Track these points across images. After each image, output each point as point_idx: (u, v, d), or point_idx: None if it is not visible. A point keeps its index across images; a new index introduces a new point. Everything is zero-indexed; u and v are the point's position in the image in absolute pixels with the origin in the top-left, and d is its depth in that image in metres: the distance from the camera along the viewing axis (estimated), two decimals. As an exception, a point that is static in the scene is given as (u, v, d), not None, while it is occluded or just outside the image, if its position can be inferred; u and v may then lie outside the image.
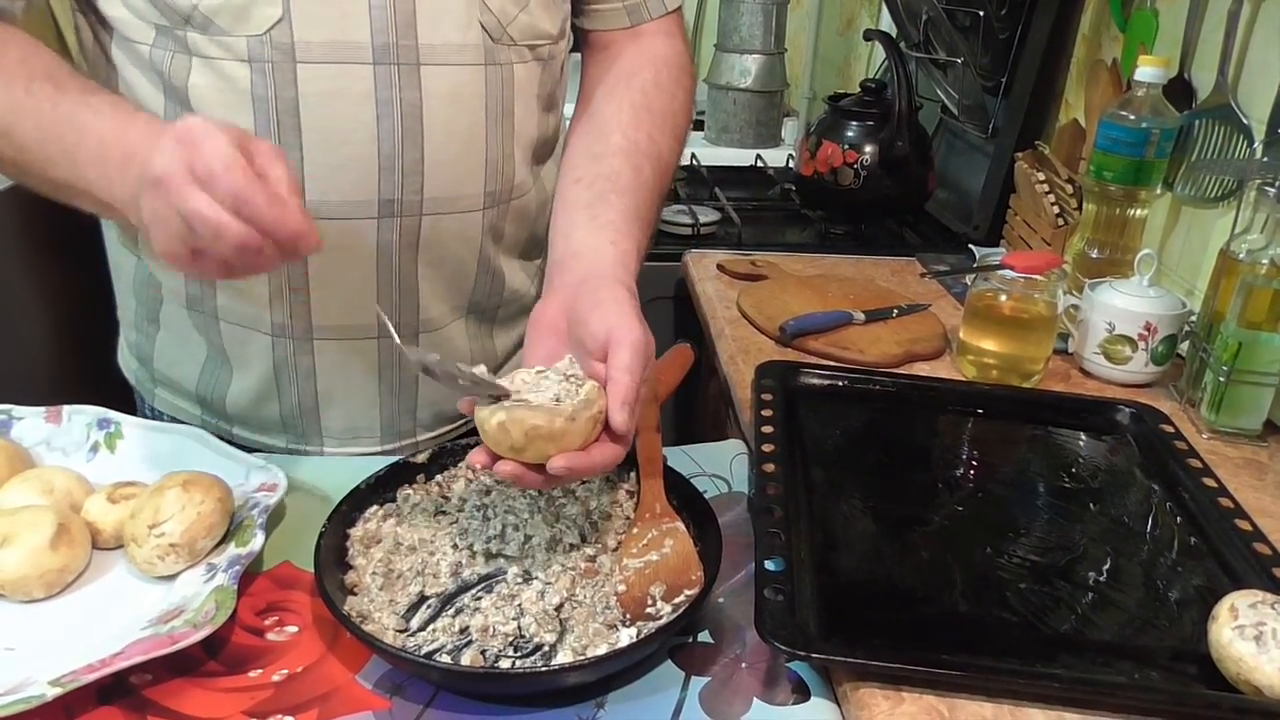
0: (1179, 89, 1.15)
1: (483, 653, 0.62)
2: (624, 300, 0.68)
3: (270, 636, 0.65)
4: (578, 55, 0.94)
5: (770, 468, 0.78)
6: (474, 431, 0.65)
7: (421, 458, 0.78)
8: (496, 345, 0.94)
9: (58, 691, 0.56)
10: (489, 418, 0.62)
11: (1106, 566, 0.74)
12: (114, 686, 0.60)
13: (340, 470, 0.81)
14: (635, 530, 0.71)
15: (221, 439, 0.81)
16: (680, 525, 0.71)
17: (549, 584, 0.67)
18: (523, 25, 0.80)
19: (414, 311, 0.85)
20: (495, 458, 0.62)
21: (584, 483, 0.79)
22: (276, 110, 0.74)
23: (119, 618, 0.66)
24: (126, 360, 0.97)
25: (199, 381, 0.89)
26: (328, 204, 0.77)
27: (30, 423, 0.82)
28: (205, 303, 0.84)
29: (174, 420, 0.92)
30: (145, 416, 0.94)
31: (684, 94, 0.91)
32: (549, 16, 0.83)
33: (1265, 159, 1.03)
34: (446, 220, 0.82)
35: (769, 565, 0.66)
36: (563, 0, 0.85)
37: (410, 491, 0.76)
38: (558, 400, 0.63)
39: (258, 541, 0.69)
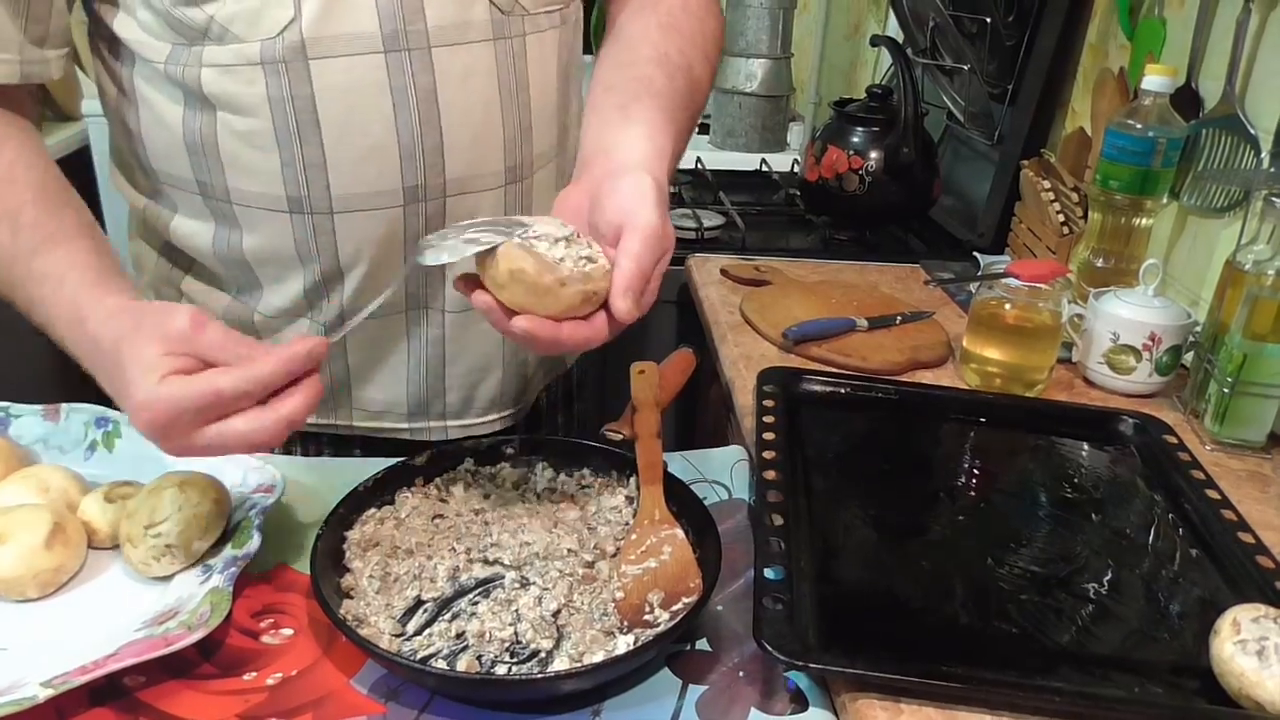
0: (1186, 98, 1.14)
1: (479, 658, 0.62)
2: (646, 188, 0.66)
3: (265, 639, 0.65)
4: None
5: (771, 475, 0.78)
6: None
7: (420, 460, 0.78)
8: None
9: (49, 693, 0.56)
10: (490, 241, 0.60)
11: (1108, 578, 0.73)
12: (106, 688, 0.60)
13: (338, 472, 0.80)
14: (634, 536, 0.71)
15: None
16: (679, 532, 0.70)
17: (546, 590, 0.66)
18: None
19: (440, 288, 0.85)
20: (475, 287, 0.61)
21: (583, 487, 0.78)
22: (294, 109, 0.74)
23: (113, 619, 0.66)
24: None
25: None
26: (355, 196, 0.77)
27: (28, 420, 0.82)
28: (244, 299, 0.85)
29: None
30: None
31: (714, 21, 0.89)
32: None
33: (1272, 169, 1.02)
34: (470, 199, 0.81)
35: (768, 574, 0.66)
36: None
37: (409, 494, 0.76)
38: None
39: (254, 543, 0.69)
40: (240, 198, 0.78)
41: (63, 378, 0.76)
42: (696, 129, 0.91)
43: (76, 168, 2.01)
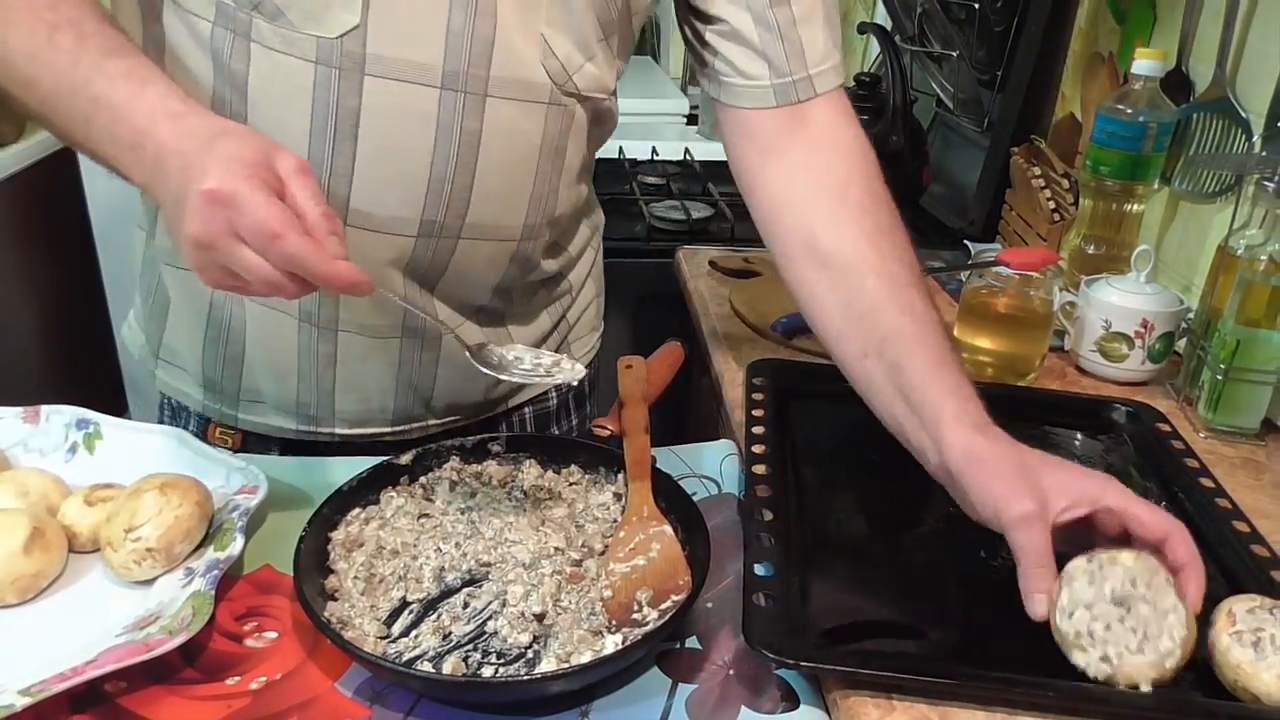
0: (1176, 82, 1.14)
1: (465, 660, 0.61)
2: (1039, 457, 0.65)
3: (249, 642, 0.64)
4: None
5: (761, 469, 0.77)
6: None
7: (405, 459, 0.77)
8: (511, 335, 0.92)
9: (27, 701, 0.55)
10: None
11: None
12: (87, 695, 0.59)
13: (322, 472, 0.79)
14: (622, 534, 0.70)
15: (224, 425, 0.79)
16: (668, 529, 0.70)
17: (533, 588, 0.66)
18: (587, 76, 0.78)
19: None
20: None
21: (570, 484, 0.78)
22: (336, 116, 0.72)
23: (94, 624, 0.65)
24: (133, 333, 0.94)
25: (209, 362, 0.87)
26: (373, 217, 0.76)
27: (7, 423, 0.81)
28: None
29: (170, 401, 0.92)
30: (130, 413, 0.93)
31: (887, 186, 0.81)
32: (609, 71, 0.81)
33: (1264, 153, 1.01)
34: (483, 246, 0.81)
35: (758, 570, 0.65)
36: (616, 59, 0.82)
37: (393, 494, 0.75)
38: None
39: (237, 545, 0.68)
40: None
41: (42, 380, 0.75)
42: (684, 118, 0.90)
43: (59, 165, 1.99)
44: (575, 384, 0.86)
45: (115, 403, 2.20)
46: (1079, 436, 0.92)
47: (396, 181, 0.75)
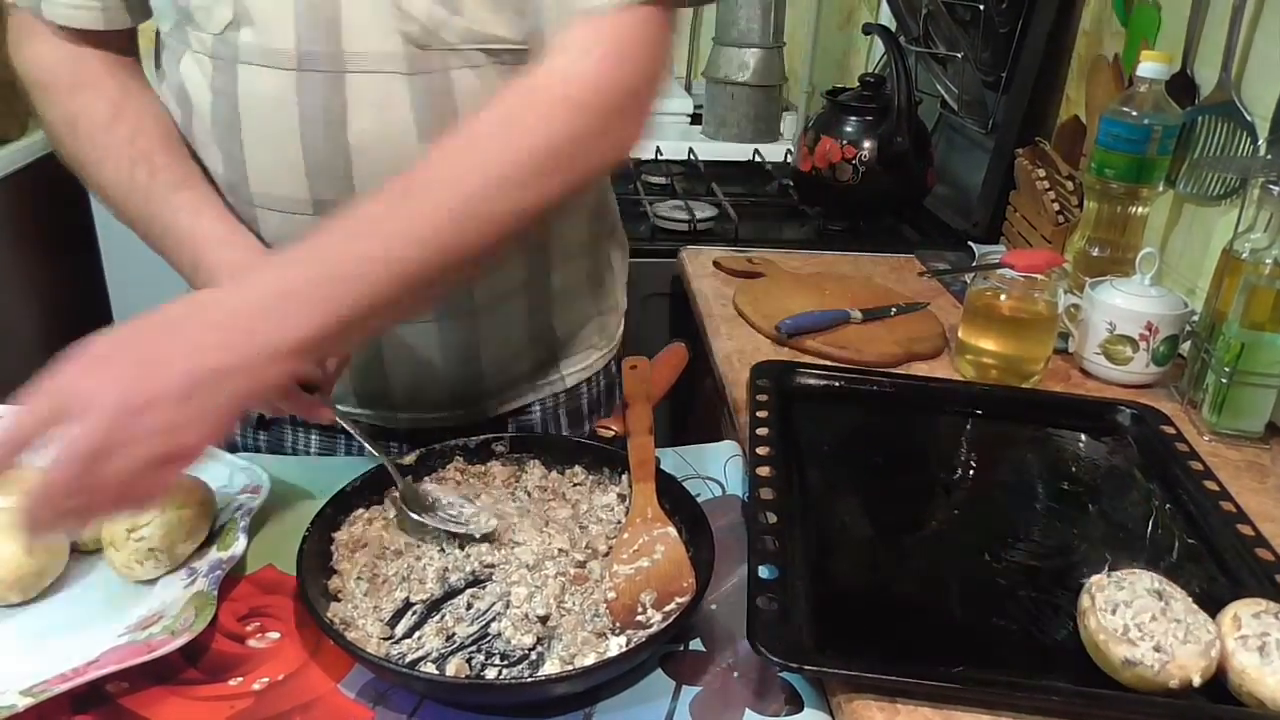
0: (1181, 85, 1.13)
1: (469, 662, 0.61)
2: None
3: (251, 643, 0.64)
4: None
5: (765, 470, 0.77)
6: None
7: (409, 459, 0.77)
8: (481, 338, 0.90)
9: (29, 702, 0.55)
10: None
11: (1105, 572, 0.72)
12: (89, 695, 0.59)
13: (325, 472, 0.79)
14: (626, 535, 0.70)
15: None
16: (672, 530, 0.69)
17: (537, 590, 0.65)
18: (460, 29, 0.74)
19: (467, 293, 0.84)
20: None
21: (575, 484, 0.77)
22: (226, 106, 0.76)
23: (96, 624, 0.64)
24: None
25: None
26: (270, 197, 0.78)
27: (8, 422, 0.80)
28: None
29: None
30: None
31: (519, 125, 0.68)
32: (498, 20, 0.75)
33: (1269, 156, 1.01)
34: None
35: (762, 572, 0.65)
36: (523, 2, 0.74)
37: (398, 494, 0.75)
38: None
39: (240, 545, 0.68)
40: (204, 166, 0.81)
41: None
42: (688, 118, 0.86)
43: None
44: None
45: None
46: (1083, 438, 0.92)
47: (281, 165, 0.77)
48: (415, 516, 0.71)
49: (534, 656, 0.61)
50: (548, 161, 0.66)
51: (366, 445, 0.74)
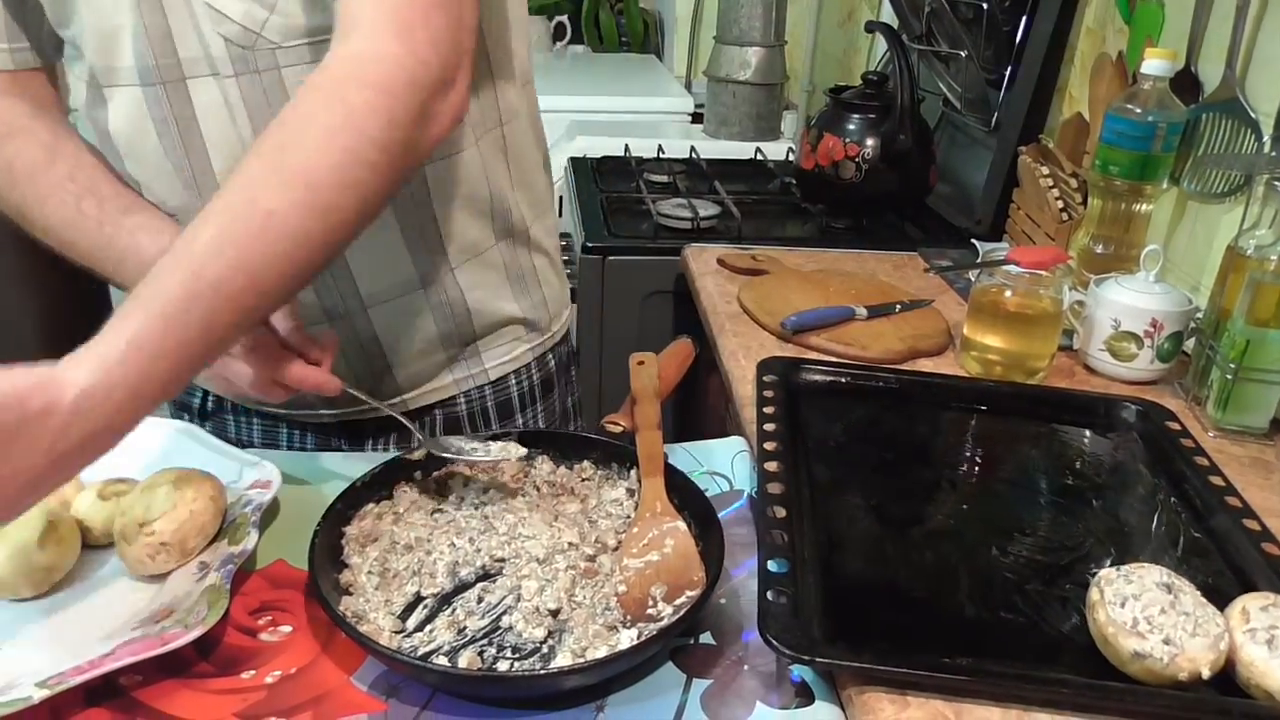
0: (1185, 82, 1.13)
1: (480, 654, 0.61)
2: None
3: (263, 637, 0.64)
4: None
5: (773, 466, 0.77)
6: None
7: (417, 455, 0.77)
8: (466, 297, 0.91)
9: (44, 694, 0.55)
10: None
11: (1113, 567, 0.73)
12: (102, 688, 0.59)
13: (335, 467, 0.79)
14: (635, 529, 0.70)
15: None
16: (681, 524, 0.70)
17: (548, 583, 0.66)
18: (279, 26, 0.73)
19: (354, 297, 0.84)
20: None
21: (583, 479, 0.78)
22: (99, 129, 0.79)
23: (108, 618, 0.65)
24: None
25: None
26: (173, 208, 0.80)
27: (19, 417, 0.80)
28: None
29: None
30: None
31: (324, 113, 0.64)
32: (319, 11, 0.72)
33: (1273, 153, 1.01)
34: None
35: (772, 566, 0.65)
36: None
37: (407, 489, 0.75)
38: None
39: (251, 540, 0.68)
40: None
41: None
42: (689, 116, 0.85)
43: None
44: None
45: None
46: (1088, 435, 0.92)
47: (159, 179, 0.79)
48: (443, 454, 0.75)
49: (545, 649, 0.62)
50: (361, 159, 0.63)
51: (386, 410, 0.78)
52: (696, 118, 2.24)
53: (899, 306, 1.15)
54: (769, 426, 0.83)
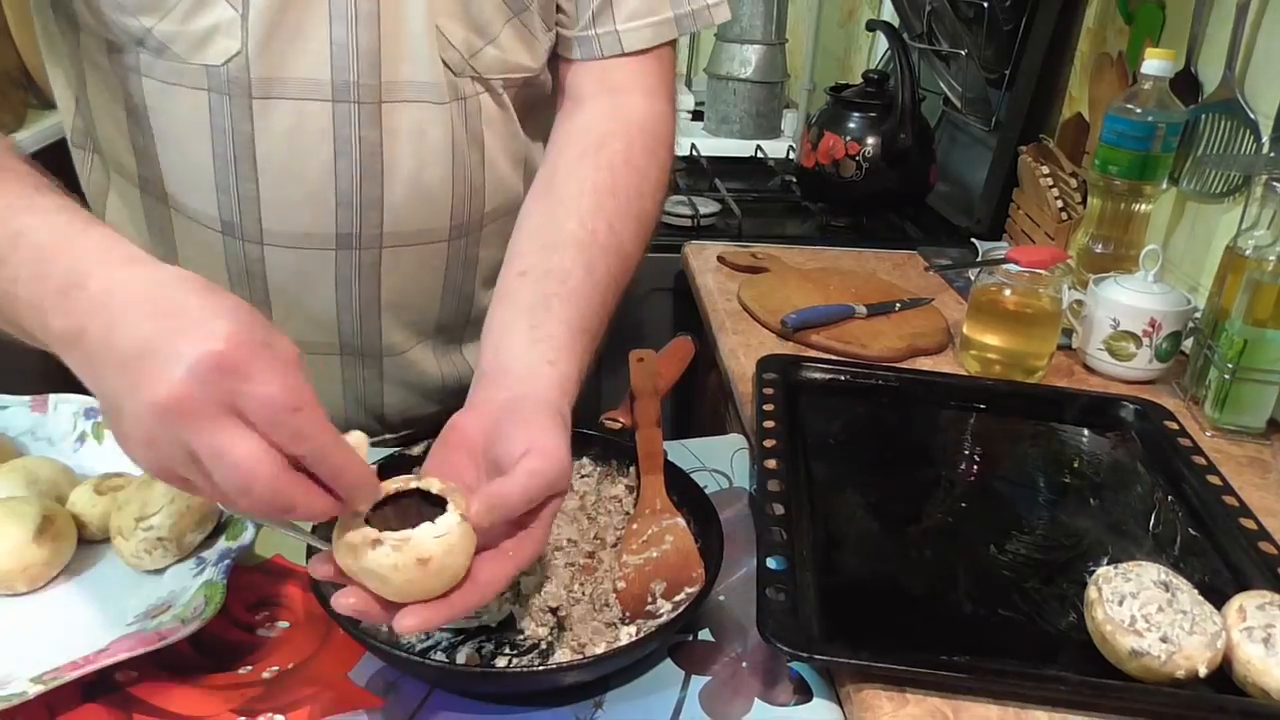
0: (1185, 83, 1.14)
1: (479, 650, 0.61)
2: (555, 424, 0.59)
3: (261, 632, 0.64)
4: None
5: (772, 463, 0.77)
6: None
7: (417, 450, 0.76)
8: (468, 359, 0.92)
9: (39, 689, 0.55)
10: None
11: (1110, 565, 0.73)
12: (98, 683, 0.59)
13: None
14: (635, 526, 0.70)
15: None
16: (680, 521, 0.70)
17: (546, 579, 0.66)
18: (490, 59, 0.76)
19: (376, 337, 0.84)
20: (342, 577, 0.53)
21: (582, 476, 0.77)
22: (234, 143, 0.73)
23: (105, 613, 0.65)
24: None
25: None
26: (285, 234, 0.76)
27: (15, 412, 0.80)
28: None
29: None
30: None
31: (658, 171, 0.79)
32: (525, 49, 0.77)
33: (1273, 154, 1.01)
34: (409, 252, 0.80)
35: (771, 563, 0.65)
36: (545, 30, 0.78)
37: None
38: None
39: (249, 535, 0.68)
40: (177, 204, 0.77)
41: (49, 368, 0.75)
42: (660, 211, 0.82)
43: (56, 155, 1.98)
44: None
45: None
46: (1086, 434, 0.92)
47: (303, 201, 0.75)
48: None
49: (544, 645, 0.62)
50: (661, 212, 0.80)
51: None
52: (697, 115, 2.24)
53: (899, 305, 1.15)
54: (768, 424, 0.83)
